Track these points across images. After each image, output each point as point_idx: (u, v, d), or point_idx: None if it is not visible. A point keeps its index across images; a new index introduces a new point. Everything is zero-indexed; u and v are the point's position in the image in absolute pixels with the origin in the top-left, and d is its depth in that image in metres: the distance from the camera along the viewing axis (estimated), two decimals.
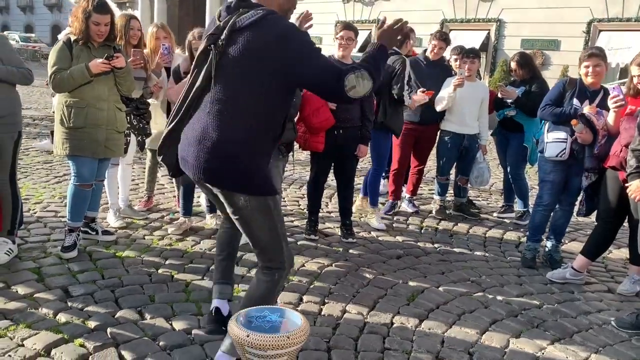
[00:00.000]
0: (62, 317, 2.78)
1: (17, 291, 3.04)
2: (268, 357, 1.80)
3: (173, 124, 2.24)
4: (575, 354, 2.80)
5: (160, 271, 3.46)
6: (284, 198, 5.31)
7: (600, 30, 17.51)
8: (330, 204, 5.35)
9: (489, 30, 20.09)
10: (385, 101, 4.55)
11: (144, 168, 4.99)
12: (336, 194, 4.59)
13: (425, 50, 5.25)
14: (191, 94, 2.18)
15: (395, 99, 4.53)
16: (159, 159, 2.35)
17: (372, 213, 4.89)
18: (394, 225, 4.88)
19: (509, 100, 4.96)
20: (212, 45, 2.08)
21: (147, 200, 4.79)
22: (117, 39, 3.85)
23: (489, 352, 2.76)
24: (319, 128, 3.99)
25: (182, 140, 2.23)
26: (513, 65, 5.11)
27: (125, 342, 2.59)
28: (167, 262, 3.61)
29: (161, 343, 2.60)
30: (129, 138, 4.14)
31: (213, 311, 2.62)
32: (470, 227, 4.99)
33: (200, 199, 4.77)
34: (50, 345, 2.50)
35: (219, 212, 4.48)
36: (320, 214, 4.54)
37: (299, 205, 5.26)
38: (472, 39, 19.97)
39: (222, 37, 2.06)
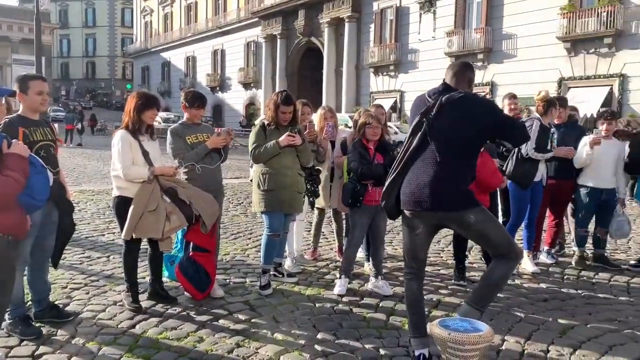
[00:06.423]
0: (277, 335, 3.60)
1: (237, 317, 3.94)
2: (465, 351, 2.42)
3: (394, 176, 3.11)
4: None
5: (340, 306, 4.21)
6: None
7: None
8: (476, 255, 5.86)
9: (612, 85, 19.69)
10: (513, 155, 5.11)
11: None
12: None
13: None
14: (408, 153, 3.05)
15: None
16: (382, 204, 3.19)
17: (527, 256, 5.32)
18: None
19: None
20: (425, 117, 3.00)
21: (313, 251, 5.65)
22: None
23: None
24: (494, 186, 4.71)
25: (410, 188, 3.06)
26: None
27: (330, 354, 3.32)
28: (344, 299, 4.36)
29: (356, 357, 3.30)
30: (303, 199, 5.07)
31: (418, 357, 3.06)
32: (612, 276, 5.21)
33: None
34: (278, 353, 3.32)
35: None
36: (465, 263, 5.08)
37: (441, 257, 5.85)
38: (593, 96, 19.68)
39: (433, 111, 2.98)
